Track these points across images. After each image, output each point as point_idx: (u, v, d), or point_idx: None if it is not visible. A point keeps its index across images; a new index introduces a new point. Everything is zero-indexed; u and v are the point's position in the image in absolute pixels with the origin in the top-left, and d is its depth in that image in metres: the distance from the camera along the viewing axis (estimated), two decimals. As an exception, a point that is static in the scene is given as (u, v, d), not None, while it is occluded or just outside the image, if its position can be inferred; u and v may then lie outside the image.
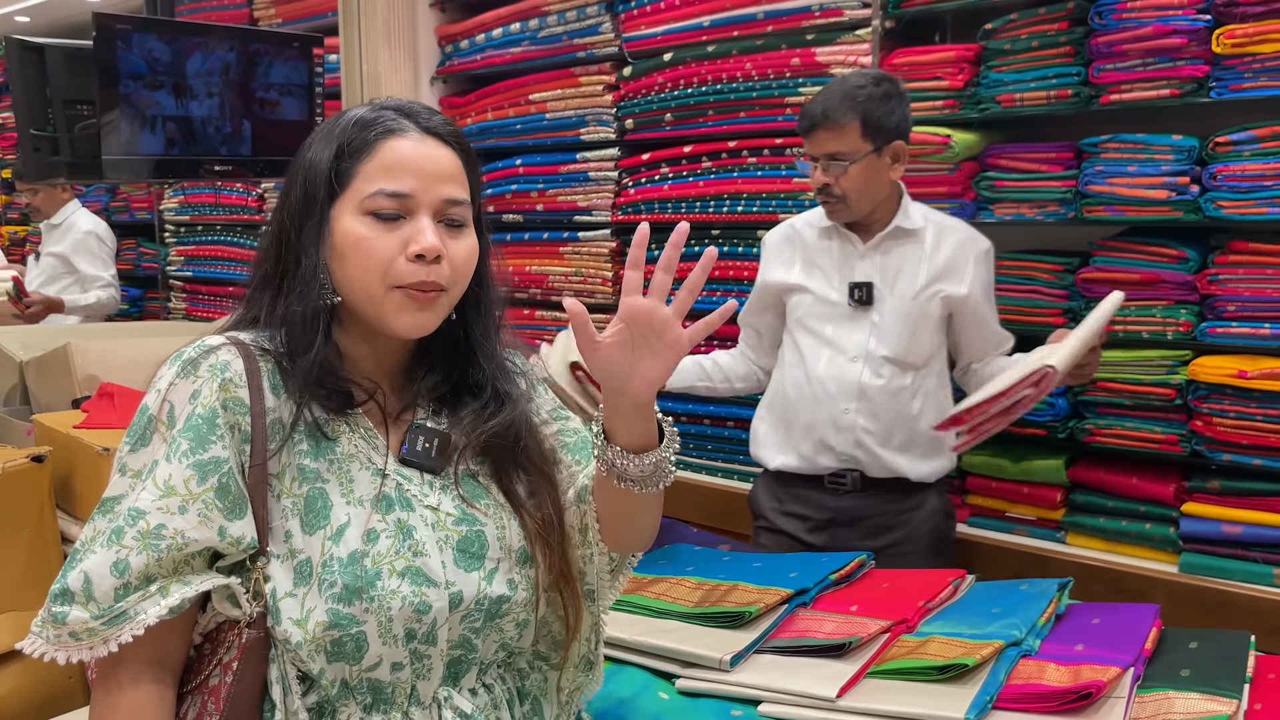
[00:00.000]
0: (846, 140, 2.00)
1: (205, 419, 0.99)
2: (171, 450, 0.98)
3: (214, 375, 1.00)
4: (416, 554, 1.03)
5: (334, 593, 0.99)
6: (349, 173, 1.04)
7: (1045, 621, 1.54)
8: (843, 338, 2.13)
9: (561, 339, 2.04)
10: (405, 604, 1.01)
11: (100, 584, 0.94)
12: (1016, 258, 2.42)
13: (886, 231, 2.11)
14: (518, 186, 3.32)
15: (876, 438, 2.11)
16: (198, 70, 2.82)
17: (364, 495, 1.04)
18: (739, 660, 1.46)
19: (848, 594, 1.68)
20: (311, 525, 1.01)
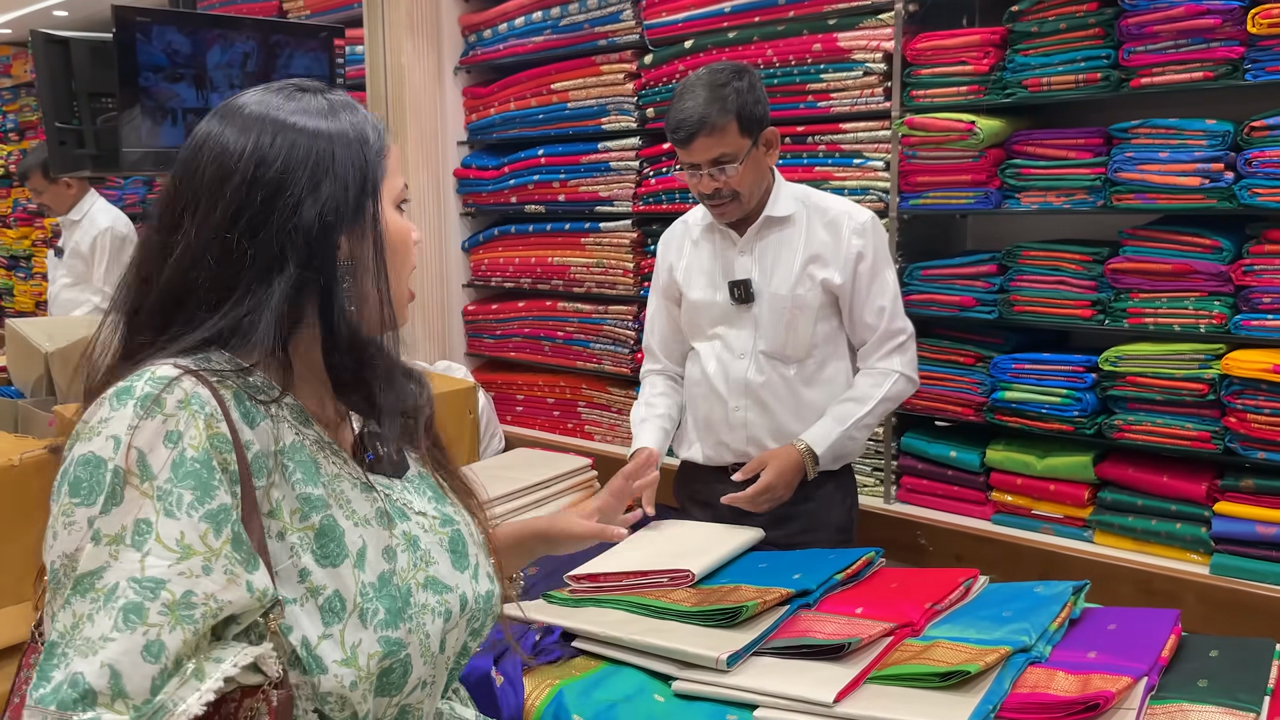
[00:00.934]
0: (728, 141, 1.94)
1: (202, 463, 0.85)
2: (170, 504, 0.83)
3: (190, 410, 0.86)
4: (428, 563, 1.00)
5: (380, 620, 0.92)
6: (379, 169, 0.99)
7: (1058, 627, 1.48)
8: (730, 336, 2.10)
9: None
10: (435, 616, 0.97)
11: (133, 676, 0.78)
12: (1043, 248, 2.35)
13: (759, 223, 2.06)
14: (540, 177, 3.29)
15: (769, 433, 2.08)
16: (218, 62, 2.83)
17: (366, 514, 0.97)
18: (736, 660, 1.42)
19: (853, 594, 1.63)
20: (333, 556, 0.92)
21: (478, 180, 3.48)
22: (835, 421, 2.03)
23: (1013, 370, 2.39)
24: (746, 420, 2.09)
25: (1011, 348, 2.46)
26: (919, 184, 2.48)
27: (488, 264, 3.52)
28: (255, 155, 0.92)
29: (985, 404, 2.45)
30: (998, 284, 2.41)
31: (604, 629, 1.54)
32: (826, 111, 2.64)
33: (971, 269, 2.45)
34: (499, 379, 3.52)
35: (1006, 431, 2.45)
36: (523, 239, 3.39)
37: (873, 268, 2.03)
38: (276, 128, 0.93)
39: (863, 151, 2.59)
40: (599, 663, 1.52)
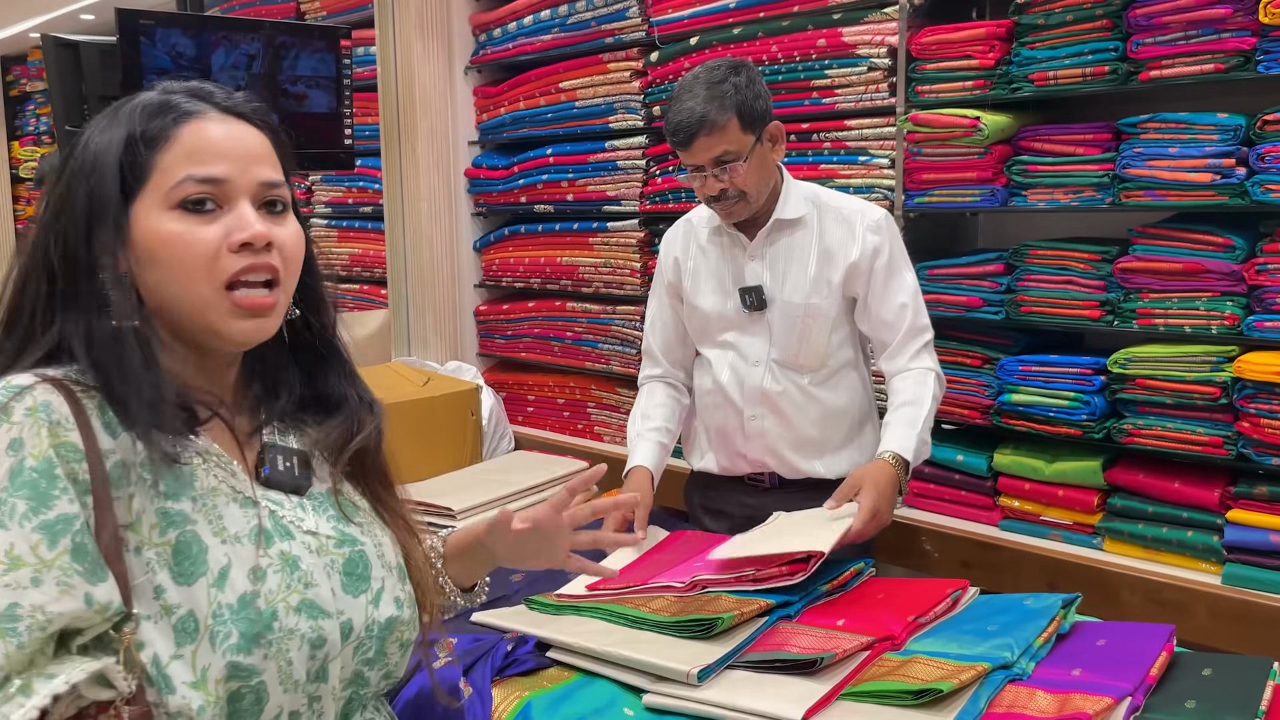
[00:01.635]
0: (730, 139, 1.87)
1: (41, 472, 0.83)
2: (4, 514, 0.81)
3: (35, 419, 0.84)
4: (307, 585, 0.94)
5: (230, 644, 0.88)
6: (146, 165, 0.91)
7: (1044, 642, 1.43)
8: (743, 343, 2.04)
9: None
10: (303, 641, 0.92)
11: None
12: (1051, 246, 2.28)
13: (769, 226, 1.99)
14: (549, 176, 3.27)
15: (786, 443, 2.03)
16: (223, 64, 2.83)
17: (239, 531, 0.93)
18: (708, 674, 1.38)
19: (837, 606, 1.59)
20: (188, 574, 0.89)
21: (488, 180, 3.46)
22: (907, 426, 1.91)
23: (1020, 372, 2.33)
24: (764, 429, 2.04)
25: (1021, 349, 2.40)
26: (924, 181, 2.42)
27: (498, 264, 3.50)
28: (62, 164, 0.92)
29: (992, 407, 2.38)
30: (1005, 284, 2.35)
31: (578, 639, 1.51)
32: (831, 108, 2.59)
33: (978, 268, 2.38)
34: (510, 379, 3.50)
35: (1014, 435, 2.38)
36: (532, 239, 3.37)
37: (889, 264, 1.97)
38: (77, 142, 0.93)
39: (868, 149, 2.53)
40: (572, 674, 1.49)
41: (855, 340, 2.05)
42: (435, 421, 2.69)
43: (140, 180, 0.91)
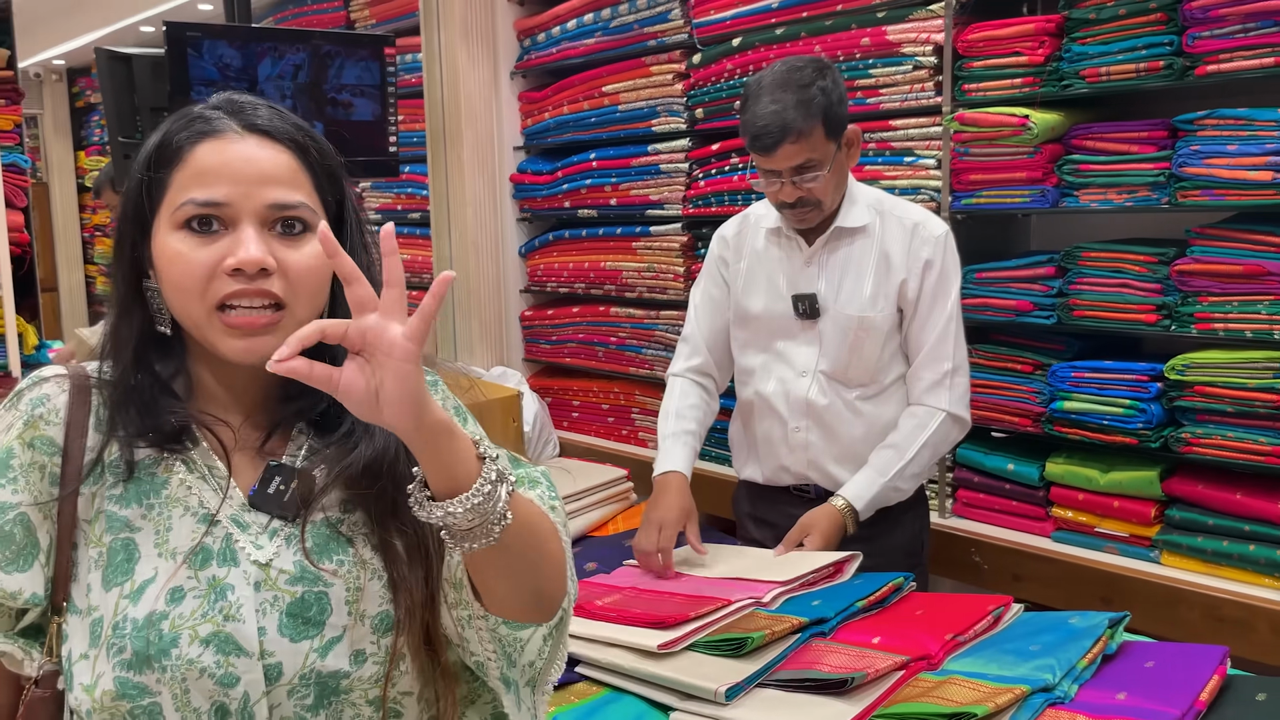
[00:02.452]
0: (814, 147, 1.81)
1: (16, 456, 0.90)
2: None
3: (23, 409, 0.92)
4: (228, 618, 0.88)
5: (122, 659, 0.86)
6: (163, 183, 0.91)
7: (1089, 663, 1.37)
8: (792, 352, 1.99)
9: None
10: (205, 674, 0.86)
11: None
12: (1104, 248, 2.20)
13: (829, 234, 1.93)
14: (592, 181, 3.25)
15: (831, 457, 1.97)
16: (269, 74, 2.86)
17: (178, 546, 0.90)
18: (737, 693, 1.35)
19: (874, 622, 1.54)
20: (110, 580, 0.89)
21: (533, 185, 3.46)
22: (876, 473, 1.91)
23: (1072, 379, 2.25)
24: (808, 442, 1.99)
25: (1073, 354, 2.32)
26: (971, 182, 2.36)
27: (543, 269, 3.49)
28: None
29: (1044, 414, 2.31)
30: (1056, 287, 2.27)
31: (607, 655, 1.49)
32: (876, 108, 2.53)
33: (1028, 271, 2.31)
34: (555, 384, 3.49)
35: (1067, 444, 2.31)
36: (576, 244, 3.36)
37: (939, 283, 1.91)
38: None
39: (913, 149, 2.47)
40: (600, 690, 1.47)
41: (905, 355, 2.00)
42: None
43: (157, 197, 0.92)
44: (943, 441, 1.94)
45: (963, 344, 1.95)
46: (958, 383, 1.93)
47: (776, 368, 2.00)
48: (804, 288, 1.95)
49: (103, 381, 0.93)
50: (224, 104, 0.94)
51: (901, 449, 1.91)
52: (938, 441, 1.93)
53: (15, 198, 2.68)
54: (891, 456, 1.91)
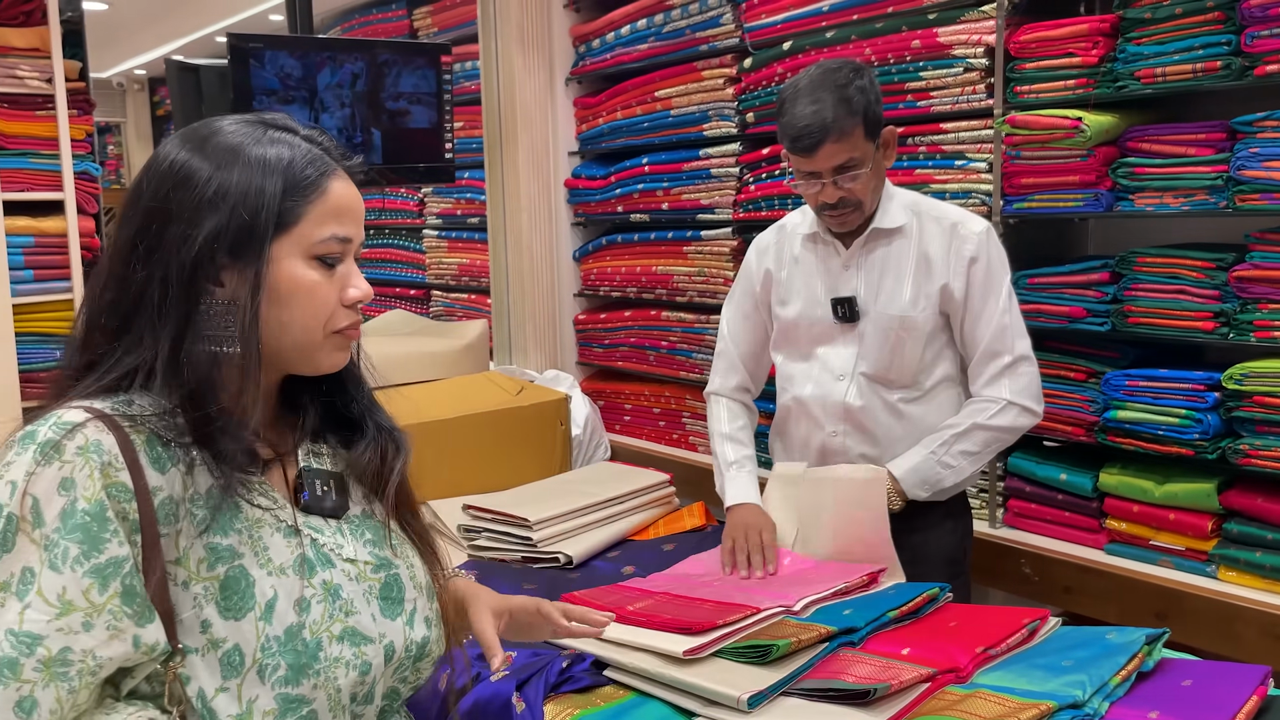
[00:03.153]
0: (854, 146, 1.81)
1: (93, 514, 0.84)
2: (55, 556, 0.82)
3: (87, 459, 0.85)
4: (348, 614, 0.97)
5: (278, 676, 0.91)
6: (296, 213, 0.94)
7: (1123, 680, 1.33)
8: (830, 356, 1.97)
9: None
10: (348, 669, 0.95)
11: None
12: (1160, 253, 2.14)
13: (867, 235, 1.92)
14: (644, 185, 3.26)
15: (871, 460, 1.94)
16: (328, 83, 2.93)
17: (284, 562, 0.94)
18: (759, 701, 1.35)
19: (905, 633, 1.52)
20: (236, 609, 0.90)
21: (586, 190, 3.48)
22: (923, 445, 1.90)
23: (1126, 387, 2.19)
24: (845, 446, 1.98)
25: (1128, 362, 2.26)
26: (1024, 186, 2.31)
27: (596, 273, 3.52)
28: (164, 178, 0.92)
29: (1097, 424, 2.25)
30: (1111, 293, 2.22)
31: (633, 659, 1.49)
32: (926, 111, 2.50)
33: (1082, 277, 2.26)
34: (608, 388, 3.51)
35: (1121, 454, 2.25)
36: (628, 248, 3.38)
37: (987, 279, 1.89)
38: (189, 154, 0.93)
39: (965, 152, 2.43)
40: (626, 694, 1.47)
41: (956, 357, 1.97)
42: (526, 430, 2.72)
43: (286, 225, 0.94)
44: (1005, 429, 1.90)
45: (1024, 336, 1.91)
46: (1021, 372, 1.90)
47: (814, 372, 1.99)
48: (843, 291, 1.95)
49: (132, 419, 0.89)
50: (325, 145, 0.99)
51: (954, 426, 1.88)
52: (998, 426, 1.88)
53: (87, 204, 2.78)
54: (942, 433, 1.89)
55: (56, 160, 2.72)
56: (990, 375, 1.89)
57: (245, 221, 0.92)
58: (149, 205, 0.92)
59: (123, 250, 0.92)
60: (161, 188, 0.92)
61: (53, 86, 2.66)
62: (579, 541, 2.06)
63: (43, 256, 2.73)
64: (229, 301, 0.92)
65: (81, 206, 2.77)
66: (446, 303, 4.37)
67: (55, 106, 2.71)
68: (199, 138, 0.95)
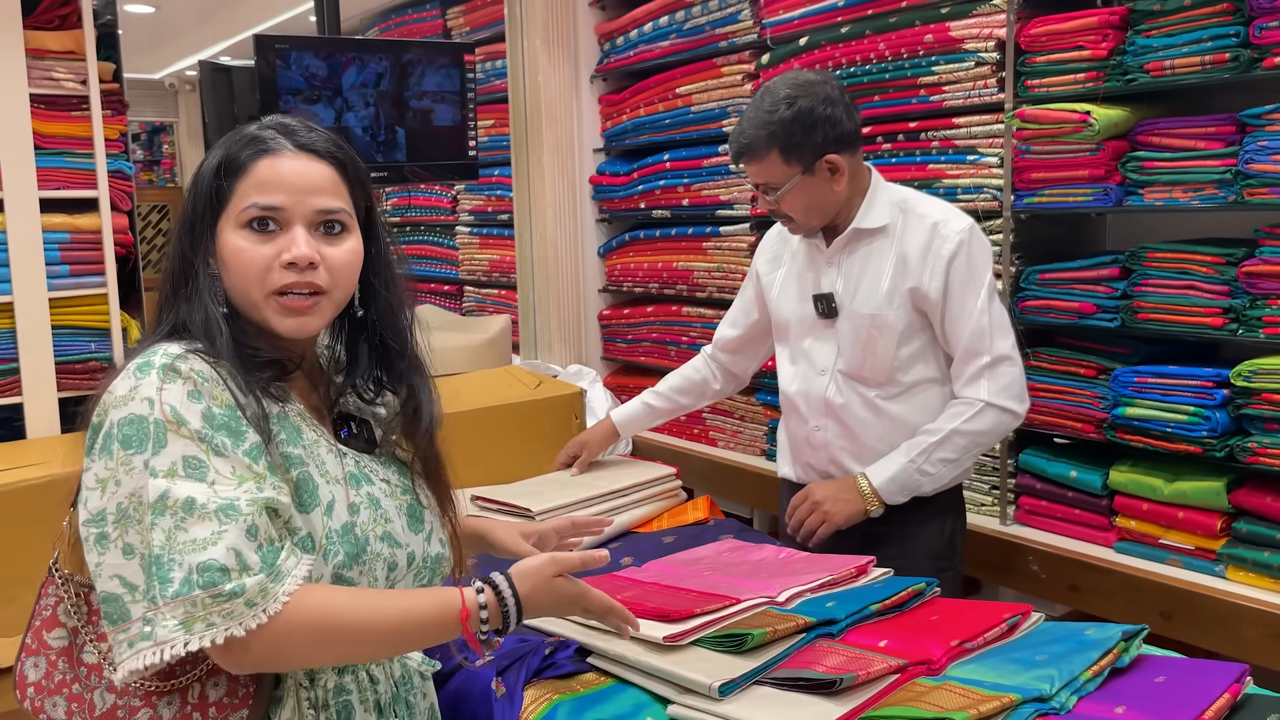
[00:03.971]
0: (770, 170, 1.90)
1: (227, 415, 1.06)
2: (215, 446, 1.04)
3: (203, 376, 1.07)
4: (386, 521, 1.18)
5: (338, 560, 1.12)
6: (229, 190, 1.13)
7: (1094, 675, 1.33)
8: (814, 351, 2.02)
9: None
10: (384, 564, 1.16)
11: (246, 553, 1.01)
12: (1170, 249, 2.12)
13: (846, 235, 1.95)
14: (666, 182, 3.28)
15: (852, 456, 1.97)
16: (353, 83, 3.00)
17: (336, 475, 1.16)
18: (731, 689, 1.36)
19: (884, 626, 1.53)
20: (308, 505, 1.11)
21: (610, 186, 3.51)
22: (902, 453, 1.91)
23: (1135, 384, 2.17)
24: (827, 441, 2.01)
25: (1139, 358, 2.24)
26: (1034, 181, 2.30)
27: (620, 269, 3.55)
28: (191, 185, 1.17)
29: (1106, 420, 2.23)
30: (1120, 289, 2.19)
31: (615, 645, 1.52)
32: (939, 106, 2.49)
33: (1092, 272, 2.24)
34: (630, 383, 3.54)
35: (1131, 451, 2.22)
36: (650, 244, 3.40)
37: (966, 278, 1.89)
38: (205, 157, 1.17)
39: (976, 147, 2.42)
40: (606, 680, 1.50)
41: (939, 356, 1.97)
42: (543, 424, 2.76)
43: (223, 202, 1.13)
44: (983, 433, 1.90)
45: (1006, 335, 1.91)
46: (1001, 373, 1.89)
47: (801, 367, 2.03)
48: (824, 287, 1.98)
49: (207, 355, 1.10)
50: (276, 126, 1.17)
51: (932, 432, 1.90)
52: (976, 430, 1.89)
53: (121, 202, 2.87)
54: (921, 440, 1.90)
55: (91, 160, 2.81)
56: (969, 375, 1.89)
57: (195, 206, 1.15)
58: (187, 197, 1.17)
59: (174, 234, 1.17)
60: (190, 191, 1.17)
61: (87, 88, 2.74)
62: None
63: (78, 252, 2.82)
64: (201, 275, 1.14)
65: (115, 204, 2.85)
66: (478, 298, 4.43)
67: (90, 108, 2.80)
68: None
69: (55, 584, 1.18)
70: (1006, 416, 1.90)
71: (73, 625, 1.17)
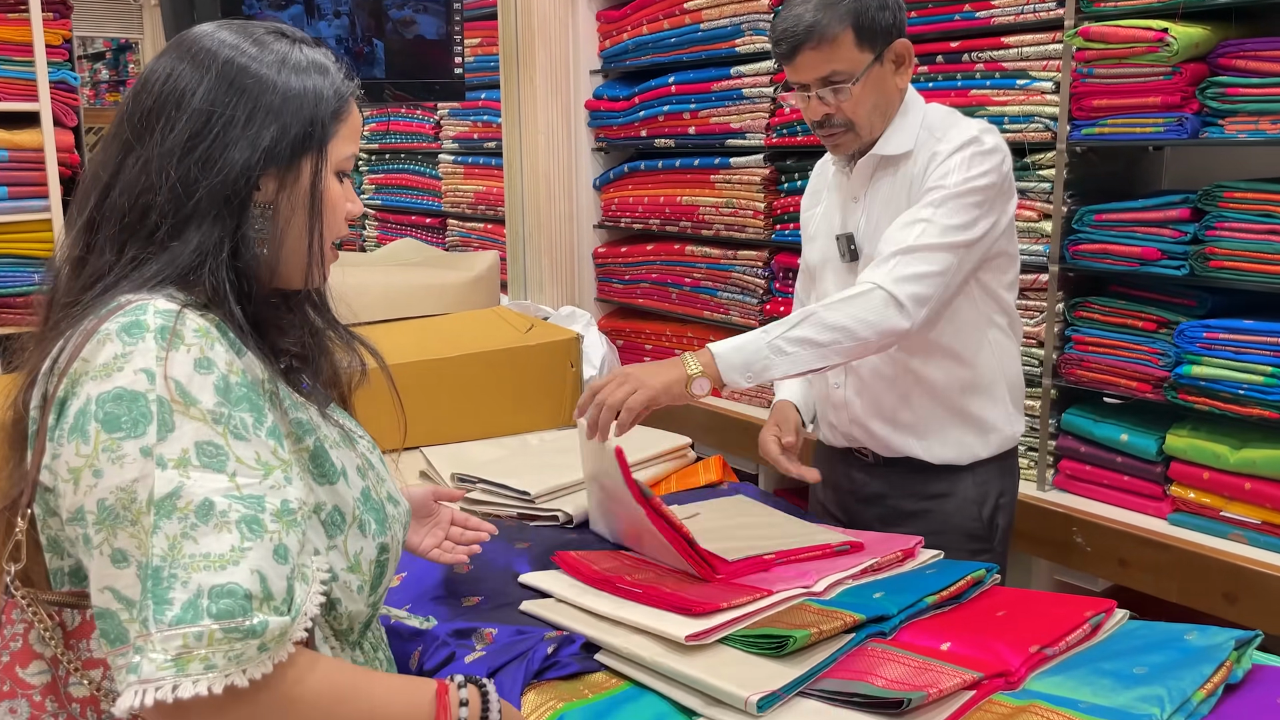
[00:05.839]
0: (840, 56, 1.58)
1: (248, 386, 0.91)
2: (234, 427, 0.88)
3: (210, 339, 0.90)
4: (382, 480, 1.10)
5: (374, 529, 1.03)
6: (331, 131, 1.01)
7: (1208, 695, 1.12)
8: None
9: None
10: (399, 525, 1.10)
11: (273, 579, 0.84)
12: (1251, 188, 1.88)
13: (868, 162, 1.68)
14: (670, 107, 3.00)
15: (874, 416, 1.75)
16: (326, -11, 2.69)
17: (334, 438, 1.04)
18: (771, 704, 1.14)
19: (946, 621, 1.31)
20: (329, 475, 1.00)
21: (608, 112, 3.23)
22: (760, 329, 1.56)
23: (1203, 340, 1.94)
24: (846, 400, 1.79)
25: (1206, 311, 2.01)
26: (1095, 109, 2.04)
27: (618, 203, 3.28)
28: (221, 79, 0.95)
29: (1168, 379, 2.01)
30: (1190, 233, 1.95)
31: (629, 642, 1.29)
32: (987, 23, 2.22)
33: (1158, 213, 2.00)
34: (627, 326, 3.29)
35: (1193, 414, 2.00)
36: (652, 176, 3.13)
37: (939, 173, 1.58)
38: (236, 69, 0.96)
39: (1028, 70, 2.16)
40: (620, 683, 1.27)
41: (973, 303, 1.70)
42: (534, 371, 2.52)
43: (324, 141, 1.00)
44: (864, 321, 1.52)
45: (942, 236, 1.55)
46: (909, 261, 1.54)
47: None
48: (848, 226, 1.73)
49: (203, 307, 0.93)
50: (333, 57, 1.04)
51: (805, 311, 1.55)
52: (853, 314, 1.52)
53: (65, 117, 2.58)
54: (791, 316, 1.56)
55: (31, 68, 2.51)
56: (879, 259, 1.57)
57: (303, 131, 0.98)
58: (205, 108, 0.94)
59: (177, 151, 0.93)
60: (219, 89, 0.95)
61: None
62: (579, 499, 1.85)
63: (18, 173, 2.54)
64: (267, 206, 0.98)
65: (59, 119, 2.56)
66: (463, 232, 4.15)
67: (29, 9, 2.48)
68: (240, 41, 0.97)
69: (20, 608, 0.94)
70: (892, 310, 1.52)
71: (51, 655, 0.94)
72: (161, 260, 0.93)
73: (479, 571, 1.58)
